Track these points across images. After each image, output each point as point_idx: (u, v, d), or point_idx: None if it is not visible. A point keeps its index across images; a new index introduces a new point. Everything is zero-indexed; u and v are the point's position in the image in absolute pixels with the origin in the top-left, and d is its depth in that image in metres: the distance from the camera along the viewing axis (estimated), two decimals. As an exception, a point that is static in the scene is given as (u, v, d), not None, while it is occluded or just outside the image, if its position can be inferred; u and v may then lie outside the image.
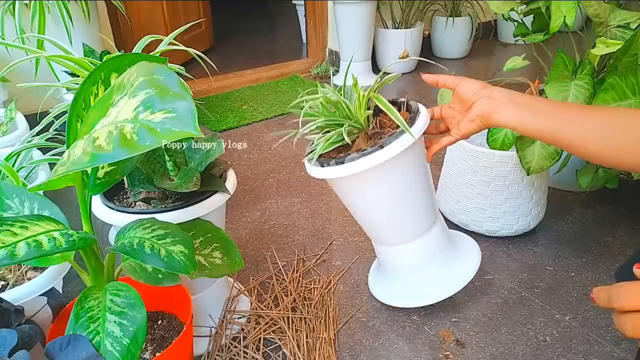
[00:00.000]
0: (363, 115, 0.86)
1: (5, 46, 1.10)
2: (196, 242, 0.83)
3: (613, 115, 0.64)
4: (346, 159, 0.83)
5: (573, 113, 0.66)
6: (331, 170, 0.85)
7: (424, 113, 0.86)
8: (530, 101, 0.70)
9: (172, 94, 0.49)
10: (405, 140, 0.81)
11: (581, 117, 0.65)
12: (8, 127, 1.44)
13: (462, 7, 3.00)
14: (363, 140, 0.88)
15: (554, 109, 0.67)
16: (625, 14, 1.15)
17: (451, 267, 1.04)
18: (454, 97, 0.82)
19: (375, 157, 0.82)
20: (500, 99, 0.72)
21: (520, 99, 0.71)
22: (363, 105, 0.86)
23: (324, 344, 1.02)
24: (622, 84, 1.00)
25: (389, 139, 0.82)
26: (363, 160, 0.82)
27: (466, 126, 0.78)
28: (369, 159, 0.82)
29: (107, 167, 0.68)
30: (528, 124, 0.69)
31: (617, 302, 0.43)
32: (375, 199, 0.91)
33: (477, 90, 0.76)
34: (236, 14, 4.78)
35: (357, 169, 0.83)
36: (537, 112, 0.68)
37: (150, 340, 0.83)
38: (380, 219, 0.96)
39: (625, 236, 1.35)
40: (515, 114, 0.70)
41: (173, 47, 0.96)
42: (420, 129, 0.83)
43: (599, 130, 0.63)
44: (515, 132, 1.15)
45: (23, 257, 0.55)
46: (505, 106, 0.71)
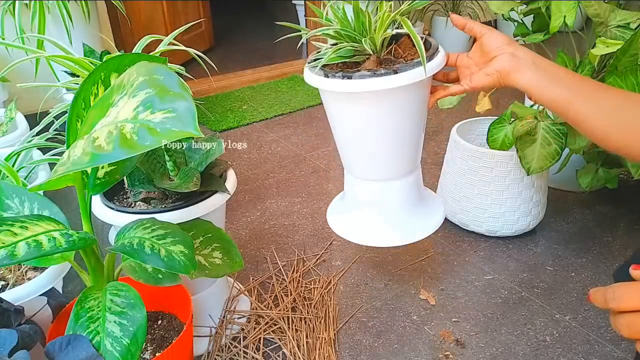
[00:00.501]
0: (381, 36, 0.81)
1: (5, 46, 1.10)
2: (196, 242, 0.83)
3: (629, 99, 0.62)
4: (355, 75, 0.78)
5: (590, 89, 0.64)
6: (335, 83, 0.80)
7: (442, 53, 0.84)
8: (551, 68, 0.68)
9: (172, 94, 0.49)
10: (419, 72, 0.78)
11: (598, 95, 0.63)
12: (8, 127, 1.44)
13: (462, 7, 3.00)
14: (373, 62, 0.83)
15: (573, 82, 0.66)
16: (625, 14, 1.15)
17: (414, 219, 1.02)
18: (476, 47, 0.80)
19: (387, 80, 0.78)
20: (524, 59, 0.70)
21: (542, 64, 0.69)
22: (385, 26, 0.81)
23: (324, 344, 1.02)
24: (622, 84, 1.00)
25: (405, 66, 0.78)
26: (373, 81, 0.78)
27: (480, 79, 0.76)
28: (380, 80, 0.77)
29: (107, 167, 0.68)
30: (543, 90, 0.67)
31: (613, 302, 0.43)
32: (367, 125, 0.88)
33: (502, 44, 0.73)
34: (236, 14, 4.78)
35: (364, 88, 0.78)
36: (555, 80, 0.67)
37: (150, 340, 0.83)
38: (364, 148, 0.93)
39: (625, 236, 1.35)
40: (534, 77, 0.68)
41: (173, 47, 0.96)
42: (436, 66, 0.81)
43: (612, 111, 0.62)
44: (516, 130, 1.15)
45: (23, 257, 0.55)
46: (527, 67, 0.69)
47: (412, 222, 1.01)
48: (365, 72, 0.78)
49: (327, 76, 0.81)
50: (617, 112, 0.62)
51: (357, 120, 0.88)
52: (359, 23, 0.82)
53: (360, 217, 1.04)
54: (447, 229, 1.41)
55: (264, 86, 2.68)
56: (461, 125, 1.40)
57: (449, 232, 1.40)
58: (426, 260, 1.28)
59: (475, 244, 1.34)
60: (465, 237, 1.37)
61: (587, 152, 1.27)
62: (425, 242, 1.36)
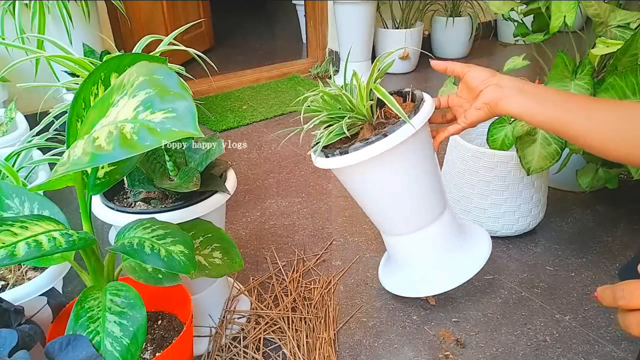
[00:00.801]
0: (366, 106, 0.87)
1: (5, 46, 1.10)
2: (196, 242, 0.83)
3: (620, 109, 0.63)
4: (350, 149, 0.83)
5: (581, 105, 0.65)
6: (335, 160, 0.86)
7: (429, 102, 0.86)
8: (539, 91, 0.70)
9: (172, 94, 0.49)
10: (408, 129, 0.82)
11: (589, 110, 0.64)
12: (8, 127, 1.44)
13: (462, 7, 3.00)
14: (368, 130, 0.88)
15: (562, 100, 0.67)
16: (625, 14, 1.15)
17: (461, 255, 1.03)
18: (462, 85, 0.82)
19: (379, 145, 0.82)
20: (509, 88, 0.72)
21: (529, 88, 0.71)
22: (365, 97, 0.86)
23: (324, 344, 1.02)
24: (622, 83, 1.00)
25: (392, 127, 0.82)
26: (367, 149, 0.82)
27: (473, 114, 0.78)
28: (373, 147, 0.82)
29: (107, 167, 0.68)
30: (535, 113, 0.68)
31: (622, 300, 0.42)
32: (380, 187, 0.91)
33: (486, 78, 0.75)
34: (236, 14, 4.77)
35: (361, 158, 0.83)
36: (544, 102, 0.67)
37: (150, 340, 0.83)
38: (386, 208, 0.96)
39: (625, 236, 1.35)
40: (523, 103, 0.69)
41: (173, 47, 0.96)
42: (423, 118, 0.83)
43: (606, 123, 0.62)
44: (517, 129, 1.15)
45: (23, 257, 0.55)
46: (514, 95, 0.71)
47: (459, 260, 1.04)
48: (358, 144, 0.83)
49: (327, 156, 0.87)
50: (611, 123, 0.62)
51: (370, 186, 0.92)
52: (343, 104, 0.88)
53: (411, 271, 1.07)
54: (447, 229, 1.41)
55: (264, 86, 2.68)
56: (461, 125, 1.40)
57: (449, 232, 1.40)
58: (426, 260, 1.28)
59: (475, 244, 1.34)
60: (465, 237, 1.37)
61: (587, 153, 1.27)
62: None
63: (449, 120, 0.88)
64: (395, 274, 1.12)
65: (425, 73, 2.88)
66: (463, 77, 0.80)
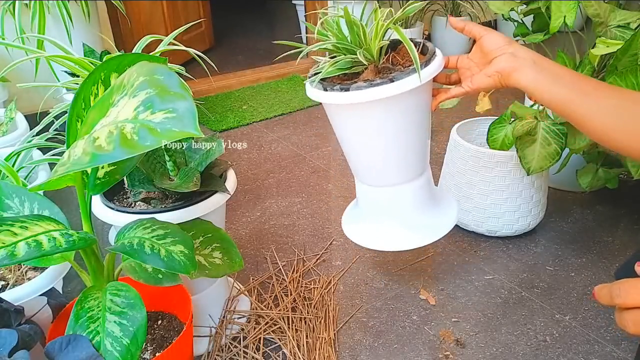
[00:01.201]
0: (377, 46, 0.82)
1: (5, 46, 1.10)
2: (196, 242, 0.83)
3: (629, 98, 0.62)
4: (352, 87, 0.79)
5: (591, 88, 0.64)
6: (333, 96, 0.81)
7: (439, 57, 0.84)
8: (552, 67, 0.68)
9: (172, 94, 0.49)
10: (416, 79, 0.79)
11: (598, 94, 0.63)
12: (8, 127, 1.44)
13: (462, 7, 3.00)
14: (371, 72, 0.84)
15: (573, 80, 0.65)
16: (625, 14, 1.15)
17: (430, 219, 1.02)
18: (476, 48, 0.79)
19: (383, 89, 0.78)
20: (524, 59, 0.70)
21: (543, 63, 0.69)
22: (380, 35, 0.82)
23: (324, 344, 1.02)
24: (622, 83, 1.00)
25: (401, 74, 0.79)
26: (370, 91, 0.78)
27: (481, 80, 0.76)
28: (377, 90, 0.78)
29: (107, 167, 0.68)
30: (544, 90, 0.67)
31: (619, 299, 0.42)
32: (371, 134, 0.88)
33: (502, 45, 0.73)
34: (236, 14, 4.77)
35: (361, 99, 0.79)
36: (556, 79, 0.66)
37: (150, 340, 0.83)
38: (371, 156, 0.93)
39: (625, 236, 1.35)
40: (535, 77, 0.68)
41: (173, 47, 0.96)
42: (432, 72, 0.81)
43: (613, 110, 0.62)
44: (517, 129, 1.15)
45: (23, 257, 0.55)
46: (528, 67, 0.69)
47: (428, 223, 1.02)
48: (361, 84, 0.79)
49: (326, 89, 0.82)
50: (617, 111, 0.61)
51: (361, 130, 0.89)
52: (353, 35, 0.83)
53: (376, 223, 1.04)
54: (447, 229, 1.41)
55: (264, 86, 2.68)
56: (461, 125, 1.40)
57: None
58: (426, 260, 1.28)
59: (475, 244, 1.34)
60: (465, 237, 1.37)
61: (587, 152, 1.27)
62: (425, 242, 1.36)
63: (452, 82, 0.86)
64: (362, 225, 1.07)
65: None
66: (479, 40, 0.77)
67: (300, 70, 2.91)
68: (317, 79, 0.83)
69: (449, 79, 0.86)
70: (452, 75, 0.86)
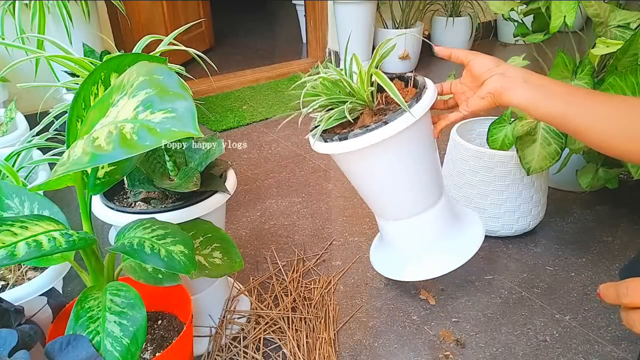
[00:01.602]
0: (366, 92, 0.85)
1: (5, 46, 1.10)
2: (196, 242, 0.83)
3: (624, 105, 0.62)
4: (349, 135, 0.82)
5: (584, 98, 0.64)
6: (334, 146, 0.84)
7: (431, 89, 0.85)
8: (544, 83, 0.69)
9: (172, 94, 0.49)
10: (409, 117, 0.80)
11: (592, 104, 0.63)
12: (8, 127, 1.44)
13: (462, 7, 3.00)
14: (368, 116, 0.87)
15: (567, 93, 0.66)
16: (625, 14, 1.15)
17: (454, 243, 1.03)
18: (466, 73, 0.80)
19: (379, 133, 0.81)
20: (514, 78, 0.70)
21: (534, 80, 0.70)
22: (366, 82, 0.85)
23: (324, 344, 1.02)
24: (622, 83, 1.00)
25: (393, 115, 0.81)
26: (366, 136, 0.81)
27: (476, 103, 0.76)
28: (373, 135, 0.81)
29: (107, 167, 0.68)
30: (539, 106, 0.67)
31: (625, 298, 0.42)
32: (378, 174, 0.90)
33: (491, 66, 0.74)
34: (236, 14, 4.78)
35: (360, 145, 0.82)
36: (549, 94, 0.67)
37: (150, 340, 0.83)
38: (383, 194, 0.95)
39: (625, 236, 1.35)
40: (527, 94, 0.68)
41: (173, 47, 0.96)
42: (424, 106, 0.82)
43: (607, 119, 0.62)
44: (516, 130, 1.15)
45: (23, 257, 0.55)
46: (519, 86, 0.69)
47: (454, 245, 1.03)
48: (358, 131, 0.82)
49: (327, 141, 0.85)
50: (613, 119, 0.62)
51: (369, 172, 0.91)
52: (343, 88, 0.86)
53: (403, 255, 1.06)
54: (447, 229, 1.41)
55: (264, 86, 2.68)
56: (461, 125, 1.40)
57: (449, 232, 1.40)
58: (426, 260, 1.28)
59: (475, 244, 1.34)
60: (465, 237, 1.37)
61: (587, 152, 1.27)
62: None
63: (450, 106, 0.87)
64: (387, 257, 1.10)
65: (425, 72, 2.87)
66: (467, 65, 0.78)
67: (300, 71, 2.91)
68: (318, 133, 0.86)
69: (447, 105, 0.88)
70: (449, 101, 0.87)
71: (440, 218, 1.00)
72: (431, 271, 1.02)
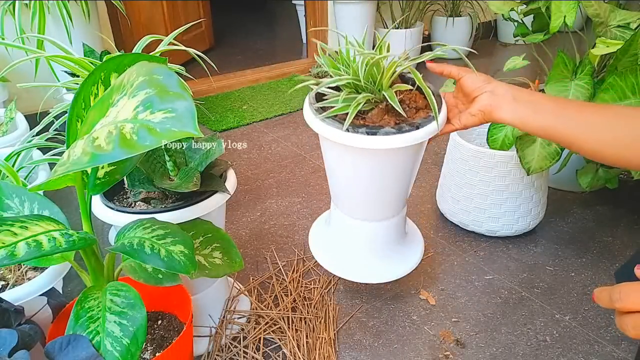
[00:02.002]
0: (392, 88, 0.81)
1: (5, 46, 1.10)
2: (196, 242, 0.83)
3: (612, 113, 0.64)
4: (380, 132, 0.77)
5: (574, 111, 0.66)
6: (357, 138, 0.78)
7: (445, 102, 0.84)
8: (533, 98, 0.70)
9: (171, 94, 0.49)
10: (434, 126, 0.80)
11: (582, 115, 0.65)
12: (8, 127, 1.44)
13: (462, 7, 3.00)
14: (382, 112, 0.82)
15: (555, 107, 0.67)
16: (625, 14, 1.15)
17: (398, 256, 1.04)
18: (457, 88, 0.82)
19: (411, 136, 0.78)
20: (503, 96, 0.72)
21: (523, 96, 0.71)
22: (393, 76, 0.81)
23: (324, 344, 1.02)
24: (622, 83, 1.00)
25: (424, 120, 0.79)
26: (398, 137, 0.77)
27: (467, 119, 0.78)
28: (405, 137, 0.77)
29: (107, 167, 0.68)
30: (529, 122, 0.69)
31: (618, 302, 0.43)
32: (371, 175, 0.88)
33: (481, 84, 0.75)
34: (236, 14, 4.78)
35: (390, 145, 0.78)
36: (538, 110, 0.68)
37: (150, 340, 0.83)
38: (362, 193, 0.93)
39: (625, 236, 1.35)
40: (517, 111, 0.70)
41: (173, 47, 0.96)
42: (445, 117, 0.81)
43: (599, 128, 0.63)
44: (517, 129, 1.15)
45: (23, 257, 0.55)
46: (508, 103, 0.71)
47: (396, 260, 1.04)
48: (389, 129, 0.78)
49: (348, 131, 0.79)
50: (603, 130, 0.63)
51: (363, 171, 0.88)
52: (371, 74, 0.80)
53: (343, 250, 1.05)
54: (447, 229, 1.41)
55: (264, 86, 2.68)
56: (461, 125, 1.40)
57: (449, 232, 1.40)
58: (426, 260, 1.28)
59: (475, 244, 1.34)
60: (465, 237, 1.37)
61: (587, 152, 1.27)
62: (425, 242, 1.36)
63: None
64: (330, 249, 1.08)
65: (425, 73, 2.87)
66: (458, 82, 0.80)
67: (300, 71, 2.91)
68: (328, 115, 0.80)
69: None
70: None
71: (395, 229, 1.01)
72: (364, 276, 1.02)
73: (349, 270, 1.03)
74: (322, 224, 1.15)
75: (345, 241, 1.05)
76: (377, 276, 1.02)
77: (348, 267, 1.03)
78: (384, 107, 0.83)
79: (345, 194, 0.97)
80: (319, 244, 1.10)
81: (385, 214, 0.97)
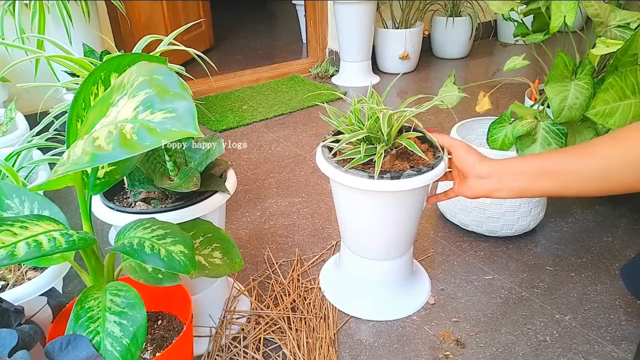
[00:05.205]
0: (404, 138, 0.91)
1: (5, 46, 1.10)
2: (196, 242, 0.83)
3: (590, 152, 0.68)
4: (403, 175, 0.87)
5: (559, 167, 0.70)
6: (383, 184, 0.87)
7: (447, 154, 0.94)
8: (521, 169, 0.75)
9: (171, 94, 0.49)
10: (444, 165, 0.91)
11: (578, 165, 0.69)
12: (8, 127, 1.44)
13: (462, 7, 3.00)
14: (393, 157, 0.93)
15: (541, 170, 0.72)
16: (625, 14, 1.15)
17: (405, 295, 1.12)
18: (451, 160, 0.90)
19: (430, 176, 0.88)
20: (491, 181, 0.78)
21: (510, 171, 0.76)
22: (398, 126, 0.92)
23: (324, 344, 1.02)
24: (622, 83, 1.00)
25: (436, 161, 0.90)
26: (419, 178, 0.88)
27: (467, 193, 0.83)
28: (424, 177, 0.88)
29: (107, 167, 0.68)
30: (526, 194, 0.76)
31: None
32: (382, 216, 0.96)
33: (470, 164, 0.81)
34: (236, 14, 4.78)
35: (411, 186, 0.87)
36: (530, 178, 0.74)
37: (150, 340, 0.83)
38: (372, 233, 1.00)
39: (625, 236, 1.35)
40: (511, 189, 0.76)
41: (173, 47, 0.96)
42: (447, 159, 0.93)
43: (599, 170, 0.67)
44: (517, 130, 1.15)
45: (23, 257, 0.55)
46: (499, 185, 0.77)
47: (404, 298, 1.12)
48: (411, 172, 0.88)
49: (372, 177, 0.88)
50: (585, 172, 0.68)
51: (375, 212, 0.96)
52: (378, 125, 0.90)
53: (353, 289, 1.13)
54: (447, 229, 1.41)
55: (264, 86, 2.68)
56: (461, 125, 1.40)
57: (449, 232, 1.40)
58: (426, 260, 1.28)
59: (475, 244, 1.34)
60: (465, 237, 1.37)
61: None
62: (425, 242, 1.36)
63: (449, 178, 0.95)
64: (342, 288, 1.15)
65: (425, 73, 2.88)
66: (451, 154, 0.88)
67: (301, 71, 2.91)
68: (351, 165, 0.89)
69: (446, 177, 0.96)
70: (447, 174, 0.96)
71: (402, 269, 1.08)
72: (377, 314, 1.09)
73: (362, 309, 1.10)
74: (332, 266, 1.23)
75: (357, 281, 1.11)
76: (388, 313, 1.10)
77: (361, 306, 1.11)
78: (394, 154, 0.93)
79: (362, 236, 1.03)
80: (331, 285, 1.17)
81: (400, 251, 1.05)
